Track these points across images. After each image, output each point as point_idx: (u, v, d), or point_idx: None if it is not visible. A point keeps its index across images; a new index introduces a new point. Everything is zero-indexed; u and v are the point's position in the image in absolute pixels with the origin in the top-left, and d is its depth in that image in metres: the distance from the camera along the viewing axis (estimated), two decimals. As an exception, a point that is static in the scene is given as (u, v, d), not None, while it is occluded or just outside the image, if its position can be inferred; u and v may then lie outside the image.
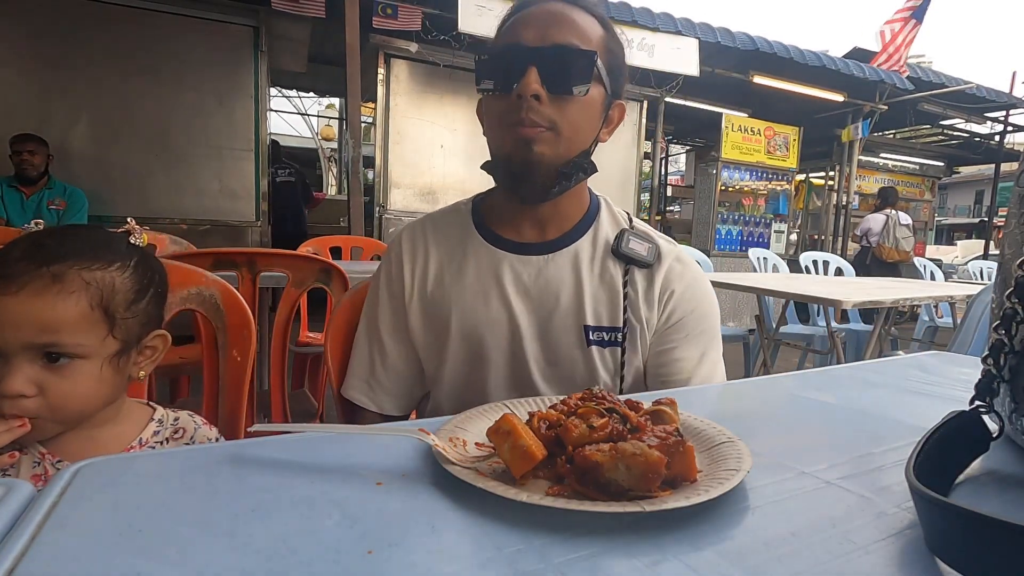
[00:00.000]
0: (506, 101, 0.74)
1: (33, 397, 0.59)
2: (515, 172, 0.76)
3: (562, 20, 0.75)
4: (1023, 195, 0.48)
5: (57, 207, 3.33)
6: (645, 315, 0.82)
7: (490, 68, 0.77)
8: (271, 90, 5.50)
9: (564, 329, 0.80)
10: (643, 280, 0.83)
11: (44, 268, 0.59)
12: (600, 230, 0.85)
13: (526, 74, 0.72)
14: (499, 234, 0.84)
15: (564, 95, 0.74)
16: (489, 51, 0.79)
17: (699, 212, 6.20)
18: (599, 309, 0.81)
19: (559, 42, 0.73)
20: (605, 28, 0.79)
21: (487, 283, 0.82)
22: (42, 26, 3.74)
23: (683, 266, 0.85)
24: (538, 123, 0.73)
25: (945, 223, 21.34)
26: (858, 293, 2.32)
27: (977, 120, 7.45)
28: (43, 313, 0.58)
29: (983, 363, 0.45)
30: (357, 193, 3.77)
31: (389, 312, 0.86)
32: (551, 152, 0.75)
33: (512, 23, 0.78)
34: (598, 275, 0.82)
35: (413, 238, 0.87)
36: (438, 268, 0.85)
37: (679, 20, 4.89)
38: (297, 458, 0.42)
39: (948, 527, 0.30)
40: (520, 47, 0.74)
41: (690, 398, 0.62)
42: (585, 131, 0.78)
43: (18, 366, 0.58)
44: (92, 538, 0.31)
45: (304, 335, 2.38)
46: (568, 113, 0.74)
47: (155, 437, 0.72)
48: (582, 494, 0.37)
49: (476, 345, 0.81)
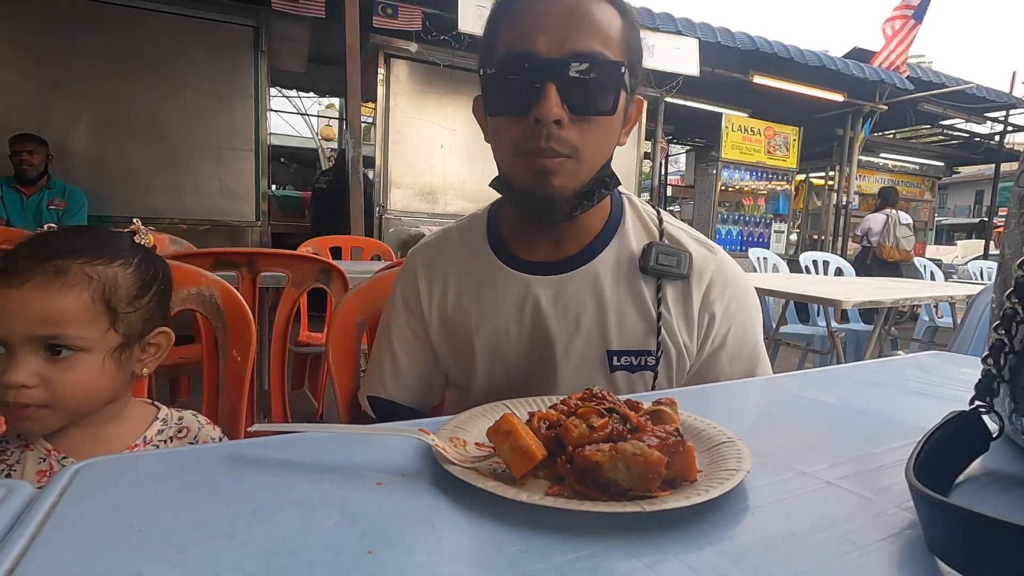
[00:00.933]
0: (520, 125, 0.64)
1: (35, 388, 0.60)
2: (534, 203, 0.68)
3: (581, 18, 0.63)
4: (1023, 195, 0.48)
5: (57, 207, 3.33)
6: (684, 340, 0.74)
7: (498, 82, 0.66)
8: (271, 90, 5.50)
9: (586, 354, 0.74)
10: (678, 299, 0.74)
11: (48, 263, 0.61)
12: (625, 241, 0.76)
13: (545, 95, 0.61)
14: (515, 253, 0.77)
15: (589, 116, 0.64)
16: (495, 60, 0.66)
17: (699, 212, 6.20)
18: (626, 332, 0.73)
19: (581, 50, 0.62)
20: (624, 15, 0.67)
21: (506, 308, 0.76)
22: (42, 26, 3.74)
23: (724, 279, 0.76)
24: (559, 152, 0.63)
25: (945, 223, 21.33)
26: (858, 293, 2.32)
27: (977, 120, 7.45)
28: (46, 305, 0.60)
29: (983, 363, 0.45)
30: (357, 193, 3.77)
31: (404, 326, 0.83)
32: (573, 183, 0.66)
33: (515, 17, 0.65)
34: (624, 293, 0.74)
35: (429, 260, 0.82)
36: (456, 291, 0.79)
37: (679, 20, 4.89)
38: (297, 458, 0.42)
39: (948, 527, 0.30)
40: (534, 58, 0.62)
41: (690, 398, 0.62)
42: (608, 147, 0.69)
43: (21, 357, 0.59)
44: (92, 538, 0.31)
45: (304, 335, 2.38)
46: (592, 135, 0.65)
47: (159, 436, 0.72)
48: (582, 494, 0.37)
49: (501, 367, 0.77)
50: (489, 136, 0.72)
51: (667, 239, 0.77)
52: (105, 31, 3.85)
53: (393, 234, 4.50)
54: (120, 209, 3.94)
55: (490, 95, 0.68)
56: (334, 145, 10.14)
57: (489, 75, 0.66)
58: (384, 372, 0.84)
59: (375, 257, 3.00)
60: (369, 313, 0.99)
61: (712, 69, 5.19)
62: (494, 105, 0.68)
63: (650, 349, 0.74)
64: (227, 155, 4.25)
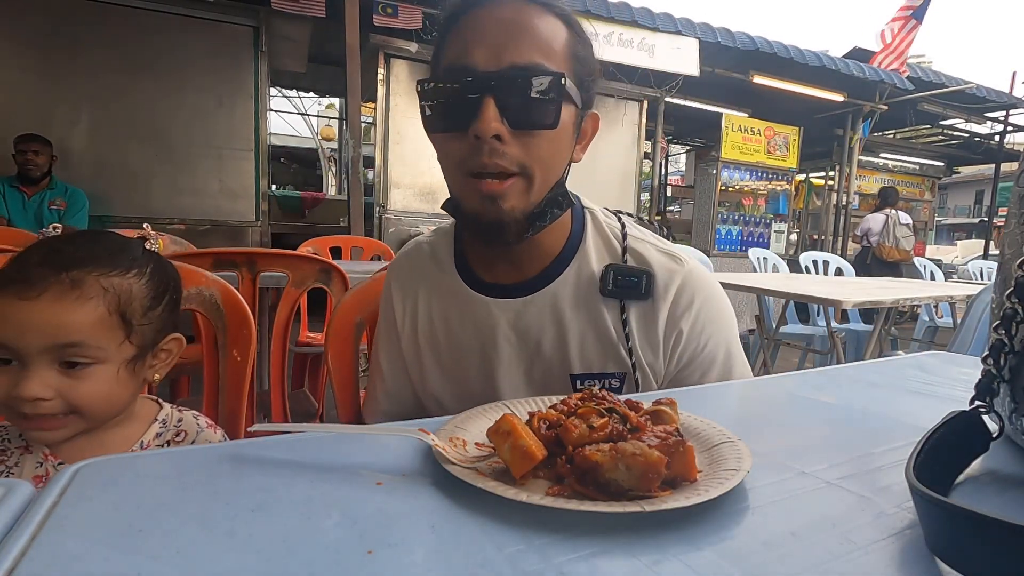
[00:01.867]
0: (462, 142, 0.62)
1: (51, 400, 0.59)
2: (483, 228, 0.66)
3: (519, 30, 0.61)
4: (1023, 195, 0.48)
5: (58, 207, 3.34)
6: (648, 361, 0.72)
7: (436, 97, 0.63)
8: (271, 90, 5.51)
9: (549, 379, 0.73)
10: (642, 318, 0.72)
11: (63, 274, 0.60)
12: (585, 261, 0.73)
13: (482, 109, 0.59)
14: (477, 274, 0.75)
15: (531, 131, 0.62)
16: (433, 74, 0.65)
17: (699, 212, 6.20)
18: (589, 356, 0.72)
19: (519, 63, 0.60)
20: (569, 26, 0.66)
21: (468, 332, 0.75)
22: (42, 26, 3.74)
23: (691, 292, 0.73)
24: (504, 168, 0.61)
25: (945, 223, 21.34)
26: (858, 293, 2.32)
27: (977, 120, 7.46)
28: (62, 318, 0.59)
29: (983, 363, 0.45)
30: (357, 193, 3.77)
31: (388, 342, 0.83)
32: (523, 204, 0.64)
33: (456, 33, 0.64)
34: (584, 317, 0.72)
35: (401, 275, 0.81)
36: (427, 308, 0.79)
37: (679, 20, 4.89)
38: (297, 458, 0.42)
39: (948, 527, 0.30)
40: (469, 71, 0.60)
41: (690, 398, 0.62)
42: (558, 163, 0.67)
43: (36, 370, 0.59)
44: (92, 538, 0.30)
45: (304, 335, 2.38)
46: (537, 150, 0.62)
47: (157, 440, 0.72)
48: (582, 494, 0.37)
49: (467, 391, 0.77)
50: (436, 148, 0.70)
51: (630, 255, 0.74)
52: (105, 31, 3.85)
53: (393, 234, 4.51)
54: (120, 209, 3.94)
55: (429, 111, 0.65)
56: (334, 145, 10.15)
57: (427, 90, 0.63)
58: (376, 391, 0.85)
59: (375, 257, 3.01)
60: (368, 313, 0.99)
61: (712, 69, 5.19)
62: (434, 122, 0.65)
63: (613, 371, 0.72)
64: (227, 155, 4.25)
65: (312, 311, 2.50)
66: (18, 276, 0.59)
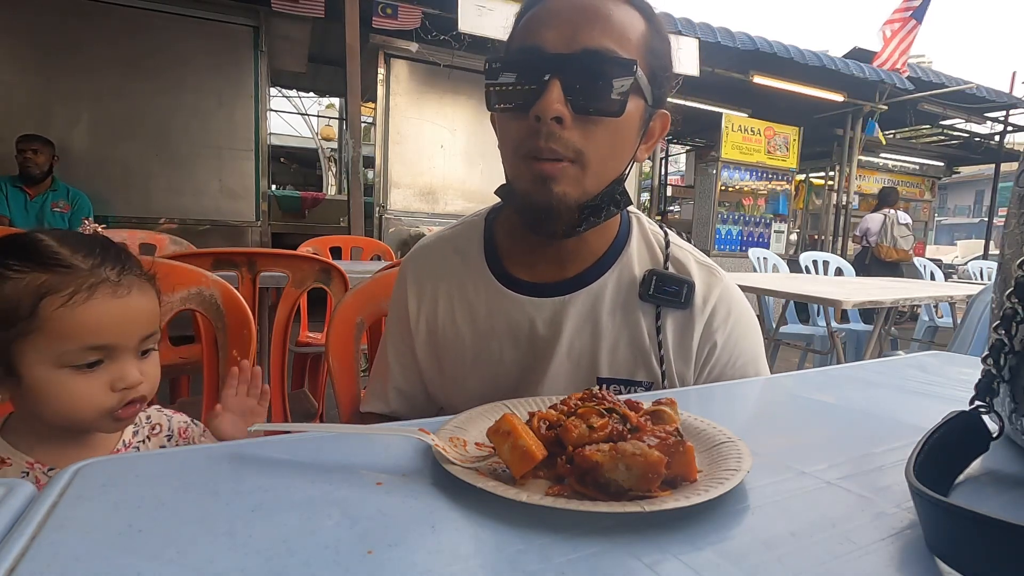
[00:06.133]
0: (521, 123, 0.61)
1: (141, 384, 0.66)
2: (533, 211, 0.64)
3: (595, 15, 0.60)
4: (1023, 195, 0.48)
5: (61, 210, 3.34)
6: (680, 370, 0.71)
7: (502, 78, 0.62)
8: (271, 90, 5.51)
9: (573, 379, 0.71)
10: (678, 328, 0.71)
11: (136, 270, 0.67)
12: (628, 265, 0.73)
13: (547, 90, 0.58)
14: (512, 272, 0.73)
15: (594, 117, 0.60)
16: (502, 56, 0.64)
17: (699, 212, 6.20)
18: (619, 360, 0.71)
19: (590, 46, 0.59)
20: (648, 20, 0.65)
21: (500, 330, 0.73)
22: (42, 26, 3.74)
23: (727, 306, 0.73)
24: (560, 154, 0.60)
25: (945, 223, 21.34)
26: (858, 293, 2.32)
27: (977, 120, 7.46)
28: (148, 308, 0.67)
29: (983, 363, 0.45)
30: (357, 193, 3.77)
31: (399, 338, 0.81)
32: (576, 191, 0.62)
33: (531, 17, 0.63)
34: (620, 321, 0.71)
35: (419, 272, 0.78)
36: (448, 306, 0.76)
37: (679, 20, 4.89)
38: (297, 458, 0.42)
39: (948, 527, 0.30)
40: (539, 52, 0.60)
41: (690, 398, 0.62)
42: (619, 157, 0.65)
43: (128, 360, 0.65)
44: (92, 538, 0.30)
45: (304, 335, 2.38)
46: (598, 139, 0.61)
47: (135, 438, 0.73)
48: (582, 494, 0.37)
49: (490, 388, 0.75)
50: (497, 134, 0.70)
51: (672, 263, 0.74)
52: (105, 31, 3.85)
53: (393, 234, 4.51)
54: (120, 209, 3.95)
55: (493, 90, 0.64)
56: (334, 145, 10.15)
57: (494, 68, 0.63)
58: (381, 385, 0.83)
59: (375, 257, 3.01)
60: (368, 313, 0.99)
61: (712, 69, 5.19)
62: (497, 101, 0.64)
63: (640, 380, 0.72)
64: (227, 155, 4.25)
65: (312, 311, 2.50)
66: (105, 277, 0.63)
